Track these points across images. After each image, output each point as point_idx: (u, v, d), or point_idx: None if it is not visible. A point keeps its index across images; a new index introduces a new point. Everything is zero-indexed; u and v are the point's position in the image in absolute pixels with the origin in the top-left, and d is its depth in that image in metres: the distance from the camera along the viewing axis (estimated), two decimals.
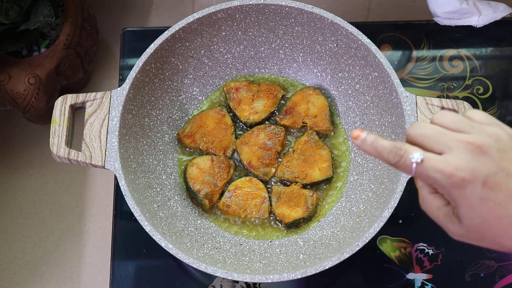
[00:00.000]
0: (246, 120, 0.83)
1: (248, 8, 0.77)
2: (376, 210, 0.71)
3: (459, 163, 0.45)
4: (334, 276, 0.80)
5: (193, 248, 0.72)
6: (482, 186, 0.45)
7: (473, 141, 0.45)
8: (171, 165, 0.81)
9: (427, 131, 0.47)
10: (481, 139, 0.46)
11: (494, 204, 0.45)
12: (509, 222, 0.46)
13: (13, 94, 0.97)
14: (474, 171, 0.45)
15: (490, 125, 0.47)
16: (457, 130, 0.47)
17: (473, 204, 0.46)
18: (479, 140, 0.46)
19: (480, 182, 0.45)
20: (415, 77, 0.90)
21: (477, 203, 0.45)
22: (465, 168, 0.45)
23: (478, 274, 0.80)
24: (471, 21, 0.90)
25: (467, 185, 0.45)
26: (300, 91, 0.84)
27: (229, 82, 0.85)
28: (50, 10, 0.93)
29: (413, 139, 0.48)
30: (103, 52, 1.18)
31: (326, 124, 0.82)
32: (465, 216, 0.47)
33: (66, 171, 1.12)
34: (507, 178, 0.45)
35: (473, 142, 0.45)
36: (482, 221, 0.46)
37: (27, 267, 1.07)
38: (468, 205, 0.46)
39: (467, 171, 0.45)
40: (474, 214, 0.46)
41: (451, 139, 0.46)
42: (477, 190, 0.45)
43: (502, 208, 0.45)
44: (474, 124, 0.47)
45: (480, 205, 0.45)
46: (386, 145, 0.48)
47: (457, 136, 0.46)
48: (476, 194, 0.45)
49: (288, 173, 0.80)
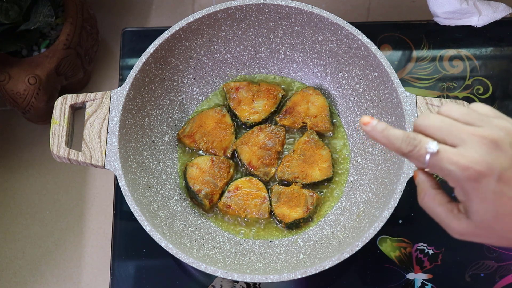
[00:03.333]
0: (246, 120, 0.83)
1: (248, 8, 0.77)
2: (376, 210, 0.71)
3: (475, 157, 0.45)
4: (334, 276, 0.80)
5: (193, 248, 0.72)
6: (497, 180, 0.45)
7: (487, 135, 0.45)
8: (171, 165, 0.81)
9: (438, 122, 0.47)
10: (494, 133, 0.45)
11: (508, 198, 0.45)
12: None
13: (13, 94, 0.97)
14: (490, 165, 0.44)
15: (497, 118, 0.47)
16: (466, 123, 0.46)
17: (487, 198, 0.45)
18: (492, 134, 0.45)
19: (496, 176, 0.45)
20: (415, 77, 0.90)
21: (491, 197, 0.45)
22: (481, 162, 0.44)
23: (478, 274, 0.80)
24: (471, 21, 0.90)
25: (482, 178, 0.45)
26: (300, 91, 0.84)
27: (229, 82, 0.85)
28: (50, 10, 0.93)
29: (422, 130, 0.47)
30: (103, 52, 1.18)
31: (326, 124, 0.82)
32: (477, 210, 0.46)
33: (66, 171, 1.12)
34: None
35: (487, 136, 0.45)
36: (494, 215, 0.46)
37: (27, 267, 1.07)
38: (482, 199, 0.46)
39: (483, 165, 0.44)
40: (488, 208, 0.46)
41: (464, 132, 0.46)
42: (491, 184, 0.45)
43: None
44: (483, 117, 0.47)
45: (494, 199, 0.45)
46: (398, 134, 0.47)
47: (470, 129, 0.46)
48: (491, 188, 0.45)
49: (288, 173, 0.80)
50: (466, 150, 0.45)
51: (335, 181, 0.81)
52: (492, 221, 0.46)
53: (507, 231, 0.47)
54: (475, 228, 0.47)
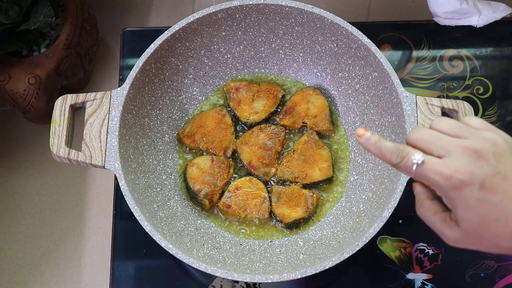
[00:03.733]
0: (246, 120, 0.83)
1: (248, 8, 0.77)
2: (376, 210, 0.71)
3: (458, 166, 0.47)
4: (334, 276, 0.80)
5: (193, 248, 0.72)
6: (480, 188, 0.46)
7: (470, 146, 0.47)
8: (171, 165, 0.81)
9: (426, 136, 0.49)
10: (478, 144, 0.47)
11: (491, 205, 0.47)
12: (505, 223, 0.47)
13: (13, 94, 0.97)
14: (472, 174, 0.46)
15: (487, 130, 0.49)
16: (455, 135, 0.49)
17: (471, 205, 0.47)
18: (476, 145, 0.47)
19: (478, 184, 0.46)
20: (415, 77, 0.90)
21: (475, 204, 0.47)
22: (463, 171, 0.46)
23: (478, 274, 0.80)
24: (471, 21, 0.90)
25: (464, 187, 0.47)
26: (300, 91, 0.84)
27: (229, 82, 0.85)
28: (50, 10, 0.93)
29: (413, 143, 0.50)
30: (103, 52, 1.18)
31: (326, 124, 0.82)
32: (463, 217, 0.48)
33: (66, 171, 1.12)
34: (503, 181, 0.47)
35: (471, 147, 0.47)
36: (479, 222, 0.48)
37: (27, 267, 1.07)
38: (466, 206, 0.47)
39: (465, 174, 0.46)
40: (472, 215, 0.47)
41: (449, 144, 0.48)
42: (474, 192, 0.47)
43: (499, 209, 0.47)
44: (471, 130, 0.49)
45: (478, 206, 0.47)
46: (389, 146, 0.50)
47: (456, 141, 0.48)
48: (474, 196, 0.47)
49: (288, 173, 0.80)
50: (451, 160, 0.47)
51: (335, 181, 0.81)
52: (479, 228, 0.48)
53: (495, 237, 0.48)
54: (465, 235, 0.50)
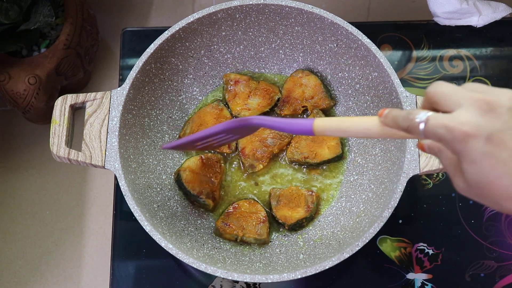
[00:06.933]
0: (237, 114, 0.83)
1: (248, 8, 0.77)
2: (376, 210, 0.71)
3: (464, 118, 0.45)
4: (334, 276, 0.80)
5: (193, 248, 0.72)
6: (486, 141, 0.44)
7: (483, 98, 0.45)
8: (171, 165, 0.81)
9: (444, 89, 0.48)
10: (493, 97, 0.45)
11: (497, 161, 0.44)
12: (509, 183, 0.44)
13: (13, 94, 0.97)
14: (478, 126, 0.44)
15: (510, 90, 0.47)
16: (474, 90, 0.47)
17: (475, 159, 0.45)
18: (489, 97, 0.45)
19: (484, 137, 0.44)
20: (415, 77, 0.90)
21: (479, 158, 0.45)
22: (469, 123, 0.44)
23: (478, 274, 0.80)
24: (471, 21, 0.90)
25: (469, 139, 0.44)
26: (290, 77, 0.83)
27: (230, 73, 0.85)
28: (50, 10, 0.93)
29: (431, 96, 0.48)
30: (103, 52, 1.18)
31: (326, 101, 0.82)
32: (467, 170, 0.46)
33: (66, 171, 1.12)
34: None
35: (483, 99, 0.45)
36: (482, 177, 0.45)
37: (27, 267, 1.07)
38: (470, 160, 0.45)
39: (470, 125, 0.44)
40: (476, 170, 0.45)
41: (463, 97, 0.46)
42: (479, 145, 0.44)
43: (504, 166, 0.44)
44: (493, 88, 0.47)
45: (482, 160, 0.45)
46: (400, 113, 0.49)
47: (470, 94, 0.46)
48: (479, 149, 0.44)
49: (298, 154, 0.80)
50: (459, 113, 0.45)
51: (335, 182, 0.81)
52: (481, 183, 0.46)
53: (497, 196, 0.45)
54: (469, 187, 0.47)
